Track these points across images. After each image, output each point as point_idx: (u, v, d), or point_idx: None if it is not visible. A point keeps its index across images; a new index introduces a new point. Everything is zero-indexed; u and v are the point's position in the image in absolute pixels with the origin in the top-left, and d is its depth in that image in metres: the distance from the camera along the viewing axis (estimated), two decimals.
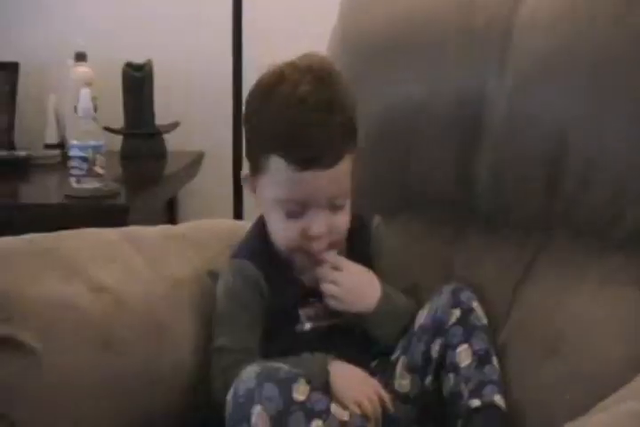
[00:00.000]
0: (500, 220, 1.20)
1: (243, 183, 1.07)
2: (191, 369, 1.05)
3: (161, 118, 1.96)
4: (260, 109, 1.00)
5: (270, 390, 0.89)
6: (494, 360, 1.03)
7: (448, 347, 1.02)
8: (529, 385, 1.03)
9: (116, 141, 1.91)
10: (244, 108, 1.04)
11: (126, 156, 1.92)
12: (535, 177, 1.14)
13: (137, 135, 1.92)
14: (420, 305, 1.08)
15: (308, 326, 1.05)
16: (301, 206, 1.00)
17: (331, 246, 1.03)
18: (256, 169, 1.02)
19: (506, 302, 1.12)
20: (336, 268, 1.05)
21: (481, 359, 1.01)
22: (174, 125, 1.97)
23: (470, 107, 1.16)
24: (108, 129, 1.86)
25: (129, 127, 1.92)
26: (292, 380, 0.90)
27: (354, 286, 1.05)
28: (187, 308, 1.08)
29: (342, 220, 1.03)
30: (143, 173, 1.86)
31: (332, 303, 1.04)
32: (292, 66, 1.01)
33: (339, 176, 1.00)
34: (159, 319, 1.04)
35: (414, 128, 1.19)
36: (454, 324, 1.02)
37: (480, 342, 1.02)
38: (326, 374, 0.97)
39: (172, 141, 1.98)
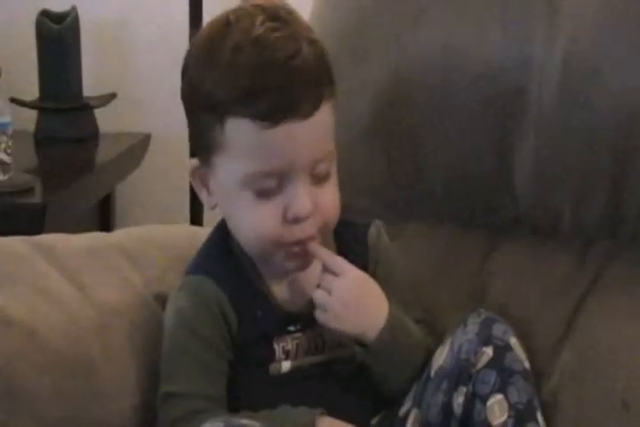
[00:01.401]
0: (548, 226, 1.21)
1: (191, 178, 1.08)
2: (128, 425, 1.05)
3: (91, 88, 1.96)
4: (205, 66, 1.01)
5: None
6: (539, 417, 1.03)
7: (476, 398, 1.03)
8: None
9: (29, 118, 1.92)
10: (182, 73, 1.04)
11: (42, 138, 1.93)
12: (597, 169, 1.16)
13: (57, 111, 1.92)
14: (437, 341, 1.09)
15: (286, 365, 1.06)
16: (277, 180, 1.00)
17: (317, 234, 1.03)
18: (208, 149, 1.03)
19: (555, 338, 1.14)
20: (331, 271, 1.05)
21: (521, 416, 1.02)
22: (109, 98, 1.98)
23: (514, 81, 1.18)
24: (16, 101, 1.87)
25: (46, 99, 1.93)
26: None
27: (354, 298, 1.05)
28: (125, 343, 1.08)
29: (330, 194, 1.04)
30: (66, 161, 1.87)
31: (323, 318, 1.05)
32: (239, 10, 1.03)
33: (320, 129, 1.01)
34: (86, 359, 1.04)
35: (438, 107, 1.22)
36: (485, 367, 1.03)
37: (519, 393, 1.03)
38: None
39: (105, 120, 1.98)
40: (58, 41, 1.89)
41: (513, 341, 1.05)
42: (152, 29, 2.02)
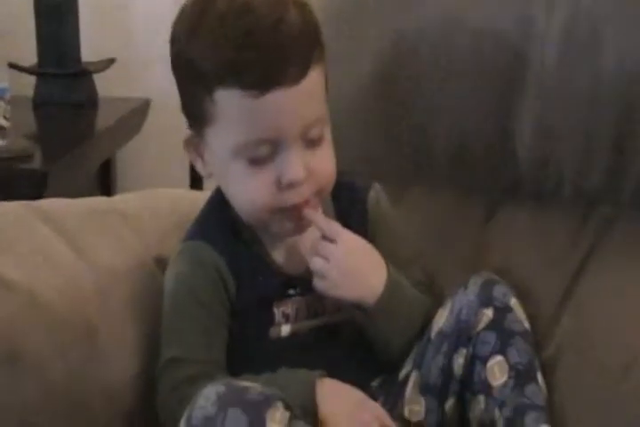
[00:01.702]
0: (549, 191, 1.21)
1: (185, 148, 1.07)
2: (129, 392, 1.06)
3: (90, 53, 1.96)
4: (191, 36, 1.00)
5: (236, 417, 0.89)
6: (539, 378, 1.04)
7: (476, 360, 1.04)
8: (586, 413, 1.06)
9: (28, 84, 1.92)
10: (170, 42, 1.03)
11: (41, 103, 1.92)
12: (599, 132, 1.16)
13: (56, 76, 1.92)
14: (438, 303, 1.09)
15: (285, 329, 1.07)
16: (269, 147, 1.00)
17: (313, 198, 1.03)
18: (200, 120, 1.03)
19: (556, 301, 1.14)
20: (327, 238, 1.05)
21: (521, 377, 1.03)
22: (108, 63, 1.97)
23: (514, 42, 1.18)
24: (14, 66, 1.86)
25: (44, 64, 1.92)
26: (265, 404, 0.90)
27: (351, 264, 1.05)
28: (124, 308, 1.09)
29: (324, 158, 1.04)
30: (65, 128, 1.86)
31: (320, 286, 1.05)
32: None
33: (310, 94, 1.00)
34: (87, 324, 1.05)
35: (438, 69, 1.22)
36: (485, 329, 1.04)
37: (520, 354, 1.03)
38: (312, 396, 0.99)
39: (105, 85, 1.98)
40: (56, 5, 1.88)
41: (513, 302, 1.06)
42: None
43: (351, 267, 1.05)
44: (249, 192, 1.02)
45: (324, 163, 1.04)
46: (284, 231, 1.06)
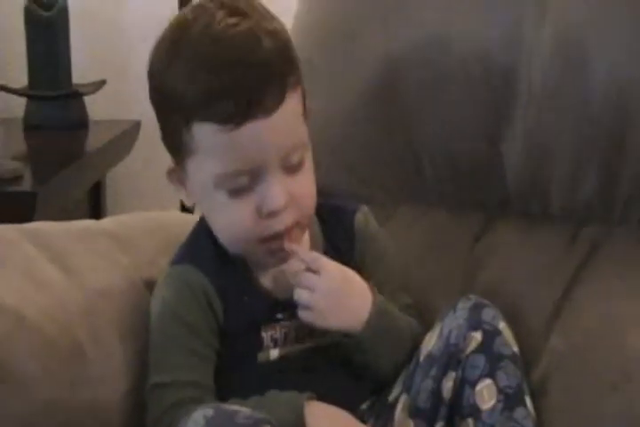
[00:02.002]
0: (539, 209, 1.22)
1: (169, 180, 1.07)
2: (118, 413, 1.06)
3: (80, 75, 1.96)
4: (166, 69, 1.00)
5: None
6: (527, 401, 1.04)
7: (465, 383, 1.04)
8: None
9: (18, 106, 1.92)
10: (147, 74, 1.03)
11: (32, 125, 1.92)
12: (588, 151, 1.17)
13: (46, 98, 1.92)
14: (426, 327, 1.10)
15: (274, 353, 1.07)
16: (248, 177, 1.00)
17: (296, 224, 1.03)
18: (180, 152, 1.03)
19: (545, 319, 1.14)
20: (311, 269, 1.05)
21: (509, 400, 1.03)
22: (99, 85, 1.97)
23: (502, 60, 1.19)
24: (4, 88, 1.86)
25: (35, 86, 1.92)
26: None
27: (336, 294, 1.05)
28: (113, 329, 1.08)
29: (305, 183, 1.03)
30: (55, 149, 1.86)
31: (307, 317, 1.05)
32: (198, 8, 1.02)
33: (287, 122, 1.00)
34: (75, 345, 1.04)
35: (427, 88, 1.22)
36: (474, 352, 1.04)
37: (508, 377, 1.03)
38: (301, 418, 0.99)
39: (96, 107, 1.98)
40: (47, 28, 1.89)
41: (502, 325, 1.06)
42: (142, 16, 2.01)
43: (336, 297, 1.05)
44: (230, 222, 1.03)
45: (305, 188, 1.03)
46: (268, 261, 1.06)
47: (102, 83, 1.97)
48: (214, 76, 0.96)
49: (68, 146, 1.88)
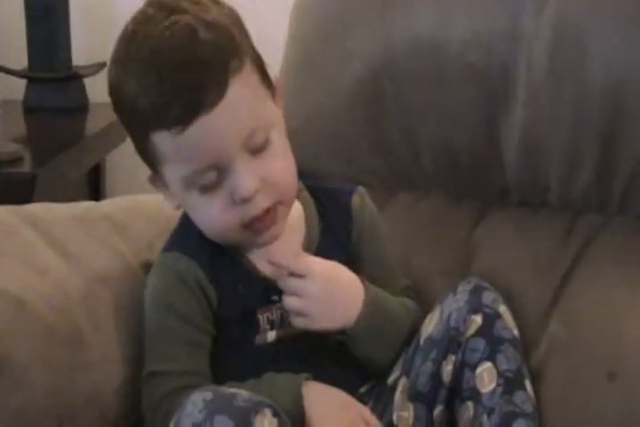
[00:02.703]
0: (537, 199, 1.22)
1: (152, 186, 1.08)
2: (116, 400, 1.05)
3: (80, 57, 1.95)
4: (119, 85, 1.00)
5: (224, 424, 0.89)
6: (527, 385, 1.04)
7: (465, 366, 1.03)
8: (573, 421, 1.06)
9: (17, 88, 1.91)
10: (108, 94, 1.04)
11: (31, 107, 1.91)
12: (585, 140, 1.16)
13: (46, 80, 1.91)
14: (426, 310, 1.09)
15: (271, 335, 1.06)
16: (215, 171, 1.00)
17: (278, 203, 1.02)
18: (150, 160, 1.04)
19: (544, 308, 1.14)
20: (296, 274, 1.04)
21: (509, 383, 1.03)
22: (99, 67, 1.96)
23: (501, 52, 1.18)
24: (5, 70, 1.85)
25: (35, 68, 1.91)
26: (252, 410, 0.90)
27: (326, 296, 1.04)
28: (112, 314, 1.08)
29: (276, 161, 1.02)
30: (55, 132, 1.85)
31: (300, 323, 1.04)
32: (139, 15, 1.02)
33: (237, 108, 0.99)
34: (74, 330, 1.04)
35: (425, 79, 1.22)
36: (474, 335, 1.04)
37: (508, 361, 1.03)
38: (299, 400, 0.99)
39: (95, 89, 1.97)
40: (47, 9, 1.88)
41: (502, 309, 1.05)
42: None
43: (326, 299, 1.04)
44: (209, 218, 1.02)
45: (276, 167, 1.02)
46: (258, 243, 1.05)
47: (102, 65, 1.96)
48: (156, 84, 0.97)
49: (68, 128, 1.87)
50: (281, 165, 1.02)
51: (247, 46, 1.01)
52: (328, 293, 1.04)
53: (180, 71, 0.96)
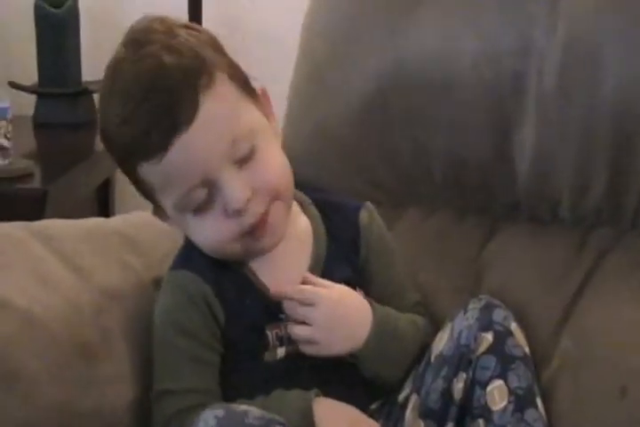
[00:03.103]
0: (548, 214, 1.21)
1: (157, 217, 1.08)
2: (125, 415, 1.05)
3: (90, 73, 1.95)
4: (104, 126, 1.03)
5: None
6: (539, 403, 1.03)
7: (476, 384, 1.03)
8: None
9: (28, 103, 1.91)
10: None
11: (42, 123, 1.92)
12: (597, 155, 1.16)
13: (56, 95, 1.91)
14: (436, 327, 1.09)
15: (281, 352, 1.05)
16: (203, 189, 1.00)
17: (276, 200, 1.02)
18: (147, 194, 1.04)
19: (555, 324, 1.14)
20: (303, 303, 1.03)
21: (520, 401, 1.02)
22: None
23: (512, 65, 1.18)
24: (15, 86, 1.86)
25: (45, 84, 1.92)
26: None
27: (333, 323, 1.03)
28: (123, 329, 1.08)
29: (265, 168, 1.01)
30: (65, 147, 1.86)
31: (310, 351, 1.03)
32: (113, 60, 1.03)
33: (214, 124, 0.99)
34: (84, 345, 1.04)
35: (436, 92, 1.21)
36: (485, 353, 1.03)
37: (519, 378, 1.03)
38: (309, 416, 0.98)
39: None
40: (57, 25, 1.88)
41: (513, 326, 1.05)
42: (151, 13, 2.01)
43: (335, 325, 1.03)
44: (205, 235, 1.03)
45: (266, 173, 1.02)
46: (262, 249, 1.05)
47: None
48: (131, 116, 0.98)
49: (78, 143, 1.88)
50: (271, 169, 1.02)
51: (219, 61, 1.02)
52: (335, 319, 1.03)
53: (150, 98, 0.97)
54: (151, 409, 1.04)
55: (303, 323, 1.03)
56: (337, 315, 1.04)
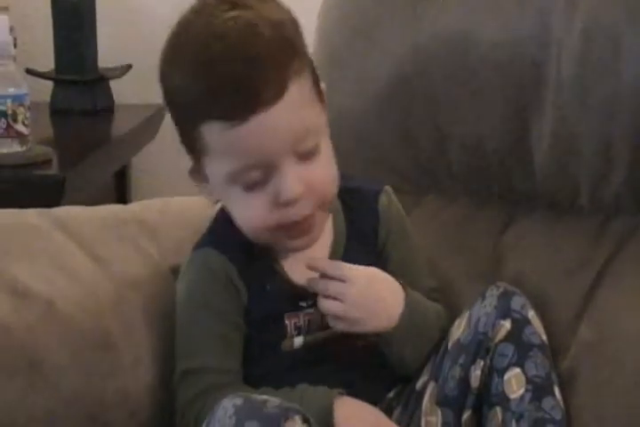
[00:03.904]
0: (566, 202, 1.21)
1: (192, 178, 1.07)
2: (146, 402, 1.06)
3: (107, 60, 1.95)
4: (170, 68, 1.00)
5: None
6: (556, 391, 1.03)
7: (494, 372, 1.03)
8: (604, 424, 1.05)
9: (45, 90, 1.91)
10: (159, 79, 1.03)
11: (59, 110, 1.92)
12: (617, 143, 1.15)
13: (73, 82, 1.91)
14: (453, 314, 1.09)
15: (298, 341, 1.06)
16: (261, 170, 0.99)
17: (319, 208, 1.02)
18: (193, 151, 1.03)
19: (574, 313, 1.13)
20: (336, 278, 1.03)
21: (538, 389, 1.02)
22: (125, 69, 1.96)
23: (531, 52, 1.17)
24: (32, 73, 1.86)
25: (62, 71, 1.92)
26: (282, 416, 0.89)
27: (366, 301, 1.03)
28: (142, 317, 1.08)
29: (321, 169, 1.02)
30: (82, 134, 1.86)
31: (341, 326, 1.03)
32: (200, 4, 1.01)
33: (293, 111, 0.98)
34: (104, 333, 1.04)
35: (455, 78, 1.21)
36: (502, 340, 1.03)
37: (537, 367, 1.02)
38: (330, 414, 0.98)
39: (121, 91, 1.97)
40: (73, 12, 1.88)
41: (531, 314, 1.05)
42: (167, 0, 2.00)
43: (367, 303, 1.03)
44: (248, 215, 1.02)
45: (321, 174, 1.02)
46: (294, 247, 1.05)
47: (128, 67, 1.96)
48: (213, 74, 0.96)
49: (95, 130, 1.88)
50: (326, 173, 1.02)
51: (306, 51, 1.01)
52: (369, 296, 1.04)
53: (240, 63, 0.95)
54: (174, 388, 1.04)
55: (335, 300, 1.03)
56: (370, 292, 1.04)
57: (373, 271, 1.06)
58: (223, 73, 0.95)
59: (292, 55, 0.98)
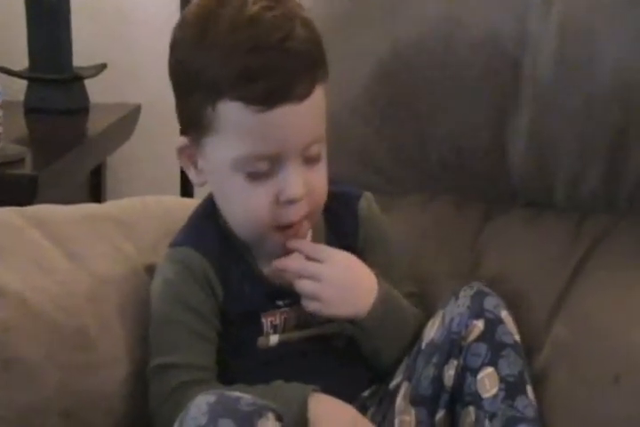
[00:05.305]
0: (543, 200, 1.22)
1: (178, 156, 1.06)
2: (122, 399, 1.06)
3: (81, 59, 1.95)
4: (197, 45, 0.99)
5: None
6: (529, 390, 1.04)
7: (467, 371, 1.04)
8: (577, 423, 1.06)
9: (19, 89, 1.91)
10: (170, 48, 1.02)
11: (33, 108, 1.91)
12: (593, 140, 1.16)
13: (47, 81, 1.91)
14: (428, 314, 1.09)
15: (274, 339, 1.06)
16: (269, 163, 1.00)
17: (308, 216, 1.03)
18: (198, 129, 1.01)
19: (548, 311, 1.14)
20: (314, 258, 1.05)
21: (511, 389, 1.03)
22: (100, 68, 1.96)
23: (507, 52, 1.19)
24: (6, 71, 1.85)
25: (36, 69, 1.91)
26: (256, 414, 0.90)
27: (342, 282, 1.05)
28: (119, 314, 1.08)
29: (321, 176, 1.04)
30: (57, 133, 1.86)
31: (313, 307, 1.05)
32: None
33: (314, 112, 1.00)
34: (81, 330, 1.04)
35: (436, 75, 1.22)
36: (475, 340, 1.04)
37: (510, 366, 1.03)
38: (304, 410, 0.99)
39: (96, 90, 1.97)
40: (48, 11, 1.88)
41: (504, 314, 1.06)
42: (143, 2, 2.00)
43: (342, 285, 1.05)
44: (246, 207, 1.02)
45: (320, 181, 1.04)
46: (277, 248, 1.05)
47: (103, 66, 1.96)
48: (251, 57, 0.96)
49: (69, 129, 1.88)
50: (324, 181, 1.04)
51: (327, 65, 1.03)
52: (344, 279, 1.05)
53: (280, 52, 0.96)
54: (148, 383, 1.04)
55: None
56: (347, 275, 1.05)
57: (351, 257, 1.07)
58: (263, 58, 0.96)
59: (321, 60, 1.01)
